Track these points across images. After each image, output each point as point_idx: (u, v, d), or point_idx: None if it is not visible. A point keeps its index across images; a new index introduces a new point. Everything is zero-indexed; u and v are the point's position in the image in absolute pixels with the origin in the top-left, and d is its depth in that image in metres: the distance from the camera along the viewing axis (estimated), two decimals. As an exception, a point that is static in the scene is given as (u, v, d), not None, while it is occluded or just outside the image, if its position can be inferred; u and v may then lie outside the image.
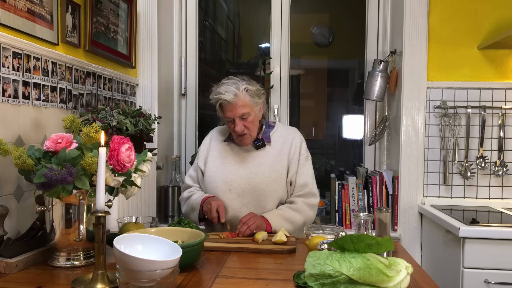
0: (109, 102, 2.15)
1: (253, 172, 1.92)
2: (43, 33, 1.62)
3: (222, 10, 3.30)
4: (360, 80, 2.90)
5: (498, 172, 2.39)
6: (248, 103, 1.85)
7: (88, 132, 1.35)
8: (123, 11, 2.25)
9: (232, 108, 1.84)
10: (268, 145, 1.97)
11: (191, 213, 1.94)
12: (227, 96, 1.82)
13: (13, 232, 1.44)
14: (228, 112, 1.85)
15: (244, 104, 1.84)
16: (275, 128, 2.02)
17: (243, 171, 1.93)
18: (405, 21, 2.43)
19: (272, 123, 2.05)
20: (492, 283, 1.90)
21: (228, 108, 1.85)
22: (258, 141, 1.96)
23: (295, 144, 1.97)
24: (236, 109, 1.84)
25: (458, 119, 2.42)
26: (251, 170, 1.92)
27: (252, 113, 1.87)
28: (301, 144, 1.99)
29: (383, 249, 1.13)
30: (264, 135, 1.98)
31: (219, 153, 2.00)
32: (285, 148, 1.96)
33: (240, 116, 1.85)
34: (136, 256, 1.04)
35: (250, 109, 1.86)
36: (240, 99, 1.83)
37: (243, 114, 1.84)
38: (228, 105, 1.84)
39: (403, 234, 2.45)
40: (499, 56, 2.40)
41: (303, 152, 1.98)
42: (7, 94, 1.43)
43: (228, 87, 1.84)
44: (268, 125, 2.02)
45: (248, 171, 1.92)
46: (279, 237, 1.59)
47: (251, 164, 1.94)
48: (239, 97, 1.83)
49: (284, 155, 1.95)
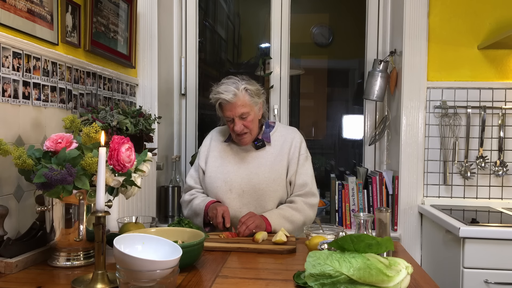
0: (109, 102, 2.15)
1: (253, 172, 1.92)
2: (43, 33, 1.62)
3: (222, 10, 3.30)
4: (360, 80, 2.90)
5: (498, 172, 2.39)
6: (248, 103, 1.85)
7: (88, 132, 1.35)
8: (123, 11, 2.25)
9: (232, 108, 1.84)
10: (268, 145, 1.97)
11: (195, 218, 1.94)
12: (226, 96, 1.82)
13: (13, 232, 1.44)
14: (228, 111, 1.85)
15: (244, 103, 1.84)
16: (275, 128, 2.02)
17: (243, 171, 1.93)
18: (405, 21, 2.43)
19: (272, 123, 2.05)
20: (492, 283, 1.90)
21: (228, 107, 1.85)
22: (258, 141, 1.96)
23: (295, 144, 1.97)
24: (235, 109, 1.84)
25: (458, 119, 2.42)
26: (251, 170, 1.92)
27: (252, 113, 1.87)
28: (300, 144, 1.99)
29: (383, 249, 1.13)
30: (264, 135, 1.98)
31: (219, 153, 2.00)
32: (285, 148, 1.96)
33: (240, 116, 1.85)
34: (136, 256, 1.04)
35: (250, 108, 1.86)
36: (239, 99, 1.83)
37: (242, 113, 1.85)
38: (227, 105, 1.84)
39: (403, 234, 2.45)
40: (499, 56, 2.40)
41: (303, 152, 1.98)
42: (7, 94, 1.43)
43: (228, 87, 1.84)
44: (268, 125, 2.02)
45: (248, 171, 1.92)
46: (279, 237, 1.59)
47: (251, 164, 1.94)
48: (239, 96, 1.83)
49: (284, 155, 1.95)
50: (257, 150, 1.96)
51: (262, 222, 1.78)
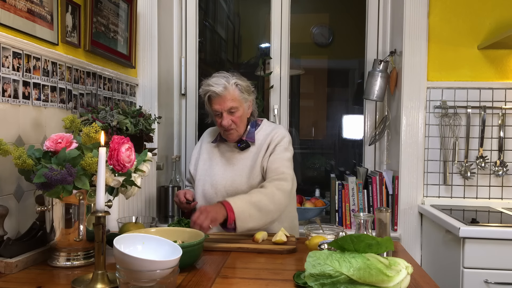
0: (109, 102, 2.15)
1: (237, 174, 1.90)
2: (43, 33, 1.62)
3: (222, 10, 3.30)
4: (360, 80, 2.90)
5: (498, 172, 2.39)
6: (237, 98, 1.83)
7: (88, 132, 1.35)
8: (123, 11, 2.25)
9: (221, 101, 1.82)
10: (252, 145, 1.92)
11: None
12: (216, 88, 1.80)
13: (13, 232, 1.44)
14: (217, 105, 1.83)
15: (233, 98, 1.82)
16: (260, 127, 1.96)
17: (228, 173, 1.91)
18: (405, 21, 2.43)
19: (259, 121, 2.00)
20: (492, 283, 1.90)
21: (217, 100, 1.83)
22: (241, 143, 1.91)
23: (274, 139, 1.89)
24: (224, 102, 1.82)
25: (458, 119, 2.42)
26: (235, 172, 1.90)
27: (241, 109, 1.85)
28: (282, 138, 1.89)
29: (383, 249, 1.13)
30: (248, 136, 1.93)
31: (208, 155, 2.00)
32: (264, 145, 1.90)
33: (228, 110, 1.82)
34: (136, 256, 1.04)
35: (239, 103, 1.84)
36: (229, 92, 1.81)
37: (231, 107, 1.82)
38: (216, 98, 1.82)
39: (403, 234, 2.45)
40: (499, 56, 2.40)
41: (282, 144, 1.88)
42: (7, 94, 1.43)
43: (218, 80, 1.83)
44: (254, 124, 1.97)
45: (233, 173, 1.90)
46: (279, 237, 1.59)
47: (236, 166, 1.91)
48: (229, 90, 1.81)
49: (262, 152, 1.89)
50: (242, 152, 1.93)
51: (218, 213, 1.59)
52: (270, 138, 1.90)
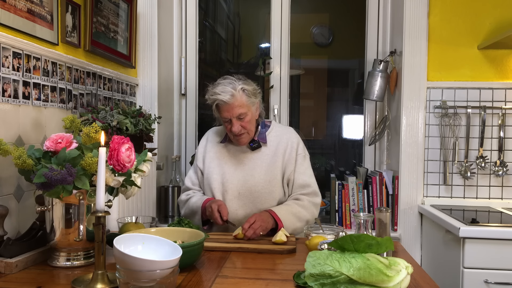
0: (109, 102, 2.15)
1: (249, 174, 1.91)
2: (43, 33, 1.62)
3: (222, 10, 3.30)
4: (360, 80, 2.90)
5: (498, 172, 2.39)
6: (245, 103, 1.84)
7: (88, 132, 1.35)
8: (123, 11, 2.25)
9: (229, 109, 1.82)
10: (264, 146, 1.95)
11: (192, 216, 1.93)
12: (223, 97, 1.80)
13: (13, 232, 1.44)
14: (225, 112, 1.83)
15: (241, 104, 1.82)
16: (271, 128, 2.00)
17: (239, 173, 1.92)
18: (405, 21, 2.43)
19: (268, 122, 2.03)
20: (492, 283, 1.90)
21: (225, 108, 1.83)
22: (253, 143, 1.94)
23: (291, 145, 1.95)
24: (233, 110, 1.82)
25: (458, 119, 2.42)
26: (247, 172, 1.91)
27: (249, 113, 1.86)
28: (297, 144, 1.97)
29: (383, 249, 1.13)
30: (259, 136, 1.96)
31: (216, 154, 1.99)
32: (280, 149, 1.94)
33: (237, 117, 1.83)
34: (136, 256, 1.04)
35: (247, 109, 1.85)
36: (237, 99, 1.81)
37: (240, 114, 1.83)
38: (225, 106, 1.82)
39: (403, 234, 2.45)
40: (499, 56, 2.40)
41: (300, 152, 1.97)
42: (7, 94, 1.43)
43: (225, 87, 1.82)
44: (264, 125, 2.00)
45: (244, 172, 1.91)
46: (279, 237, 1.59)
47: (247, 166, 1.92)
48: (236, 97, 1.81)
49: (279, 156, 1.93)
50: (253, 152, 1.95)
51: (268, 223, 1.74)
52: (286, 143, 1.95)
